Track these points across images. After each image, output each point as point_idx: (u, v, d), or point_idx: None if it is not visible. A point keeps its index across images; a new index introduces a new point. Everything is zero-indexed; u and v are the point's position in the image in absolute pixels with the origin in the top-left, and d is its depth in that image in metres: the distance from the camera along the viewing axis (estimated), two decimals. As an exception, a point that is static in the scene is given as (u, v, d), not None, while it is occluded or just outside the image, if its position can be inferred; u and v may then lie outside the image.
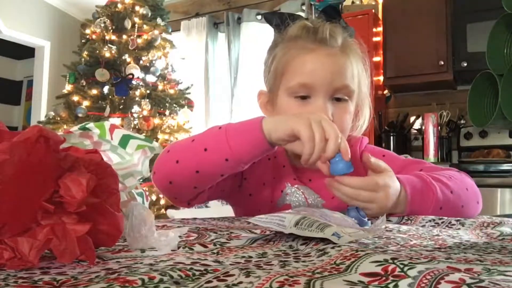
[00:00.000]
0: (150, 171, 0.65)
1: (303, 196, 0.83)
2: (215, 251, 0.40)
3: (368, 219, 0.61)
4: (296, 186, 0.84)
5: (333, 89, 0.79)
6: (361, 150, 0.91)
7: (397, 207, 0.71)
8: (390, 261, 0.30)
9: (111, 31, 3.25)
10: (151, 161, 0.54)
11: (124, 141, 0.44)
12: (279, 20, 0.86)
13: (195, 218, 0.70)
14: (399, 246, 0.43)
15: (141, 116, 3.10)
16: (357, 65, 0.84)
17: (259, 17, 3.50)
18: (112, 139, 0.43)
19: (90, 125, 0.43)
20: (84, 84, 3.22)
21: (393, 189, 0.69)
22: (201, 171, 0.69)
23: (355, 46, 0.86)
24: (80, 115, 3.05)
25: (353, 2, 3.10)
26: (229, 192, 0.85)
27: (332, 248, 0.38)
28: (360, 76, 0.84)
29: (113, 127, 0.44)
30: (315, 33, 0.81)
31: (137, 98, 3.16)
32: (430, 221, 0.64)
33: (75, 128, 0.42)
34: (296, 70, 0.81)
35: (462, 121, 2.85)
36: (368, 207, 0.66)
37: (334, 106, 0.80)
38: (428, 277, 0.26)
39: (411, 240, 0.47)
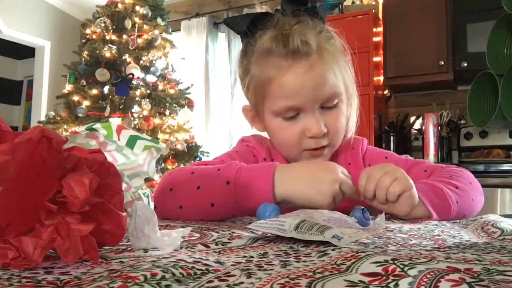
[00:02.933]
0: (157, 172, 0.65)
1: None
2: (216, 250, 0.40)
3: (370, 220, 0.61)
4: None
5: (320, 101, 0.77)
6: (363, 152, 0.90)
7: (417, 209, 0.68)
8: (391, 261, 0.30)
9: (111, 31, 3.26)
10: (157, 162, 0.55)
11: (131, 142, 0.44)
12: (245, 24, 0.79)
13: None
14: (398, 245, 0.44)
15: (141, 116, 3.10)
16: (337, 63, 0.79)
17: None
18: (119, 139, 0.44)
19: (97, 125, 0.43)
20: (84, 84, 3.22)
21: (384, 164, 0.70)
22: (206, 219, 0.68)
23: (331, 39, 0.80)
24: (80, 115, 3.05)
25: (353, 2, 3.10)
26: None
27: (333, 250, 0.38)
28: (342, 72, 0.80)
29: (120, 128, 0.44)
30: (286, 44, 0.75)
31: (137, 98, 3.17)
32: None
33: (82, 129, 0.42)
34: (276, 94, 0.77)
35: (462, 121, 2.85)
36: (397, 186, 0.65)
37: (325, 114, 0.79)
38: (429, 276, 0.27)
39: (411, 240, 0.48)
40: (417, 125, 2.98)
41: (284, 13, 0.79)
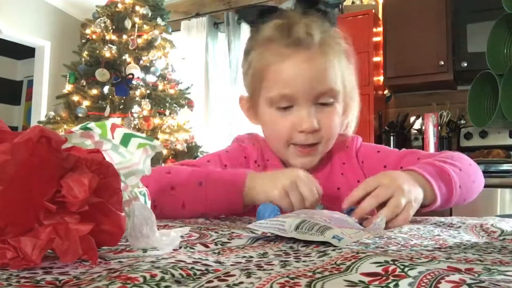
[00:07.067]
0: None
1: None
2: (216, 251, 0.40)
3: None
4: None
5: (315, 95, 0.76)
6: (356, 149, 0.89)
7: (425, 194, 0.64)
8: (391, 262, 0.30)
9: (111, 31, 3.25)
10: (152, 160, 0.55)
11: (125, 140, 0.44)
12: (254, 15, 0.81)
13: (197, 218, 0.70)
14: (399, 246, 0.44)
15: (141, 116, 3.10)
16: (339, 62, 0.79)
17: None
18: (113, 138, 0.43)
19: (91, 124, 0.43)
20: (84, 84, 3.22)
21: (395, 173, 0.64)
22: (177, 218, 0.70)
23: (337, 39, 0.80)
24: (80, 115, 3.05)
25: (353, 2, 3.10)
26: None
27: (333, 250, 0.38)
28: (343, 72, 0.80)
29: (114, 126, 0.44)
30: (289, 34, 0.76)
31: (137, 98, 3.17)
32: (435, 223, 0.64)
33: (76, 128, 0.42)
34: (274, 79, 0.77)
35: (462, 121, 2.85)
36: (397, 204, 0.58)
37: (319, 111, 0.78)
38: (429, 277, 0.26)
39: (412, 240, 0.48)
40: (417, 125, 2.98)
41: (295, 10, 0.80)
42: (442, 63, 2.69)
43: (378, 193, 0.60)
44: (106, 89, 3.20)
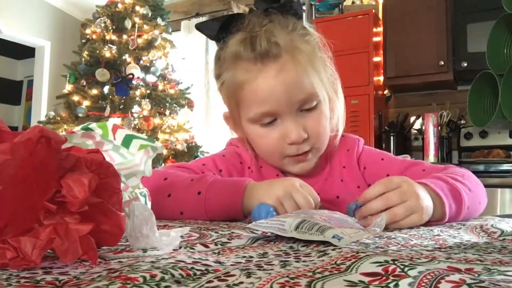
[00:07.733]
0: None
1: None
2: (216, 251, 0.40)
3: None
4: None
5: (296, 104, 0.74)
6: (358, 154, 0.87)
7: (435, 210, 0.62)
8: (391, 262, 0.30)
9: (111, 31, 3.26)
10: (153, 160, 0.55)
11: (127, 141, 0.44)
12: (215, 30, 0.77)
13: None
14: (399, 246, 0.44)
15: (141, 116, 3.10)
16: (312, 63, 0.75)
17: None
18: (115, 139, 0.43)
19: (93, 125, 0.43)
20: (84, 84, 3.22)
21: (410, 181, 0.61)
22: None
23: (305, 36, 0.77)
24: (80, 115, 3.06)
25: (353, 2, 3.10)
26: None
27: (333, 250, 0.38)
28: (319, 70, 0.76)
29: (115, 127, 0.44)
30: (253, 48, 0.72)
31: (137, 98, 3.17)
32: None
33: (77, 128, 0.42)
34: (249, 100, 0.75)
35: (462, 121, 2.85)
36: (401, 211, 0.57)
37: (304, 117, 0.75)
38: (429, 277, 0.26)
39: (412, 240, 0.48)
40: (417, 125, 2.98)
41: (256, 12, 0.76)
42: (442, 63, 2.69)
43: (389, 196, 0.58)
44: (106, 89, 3.20)
